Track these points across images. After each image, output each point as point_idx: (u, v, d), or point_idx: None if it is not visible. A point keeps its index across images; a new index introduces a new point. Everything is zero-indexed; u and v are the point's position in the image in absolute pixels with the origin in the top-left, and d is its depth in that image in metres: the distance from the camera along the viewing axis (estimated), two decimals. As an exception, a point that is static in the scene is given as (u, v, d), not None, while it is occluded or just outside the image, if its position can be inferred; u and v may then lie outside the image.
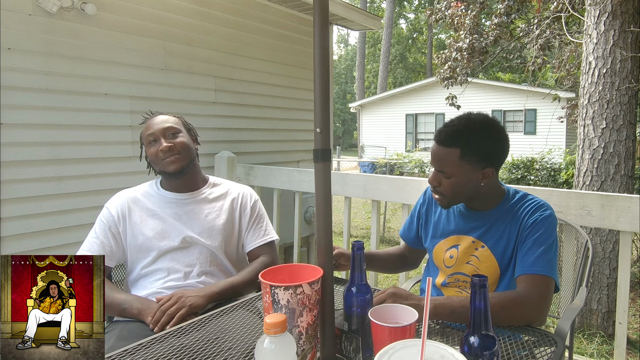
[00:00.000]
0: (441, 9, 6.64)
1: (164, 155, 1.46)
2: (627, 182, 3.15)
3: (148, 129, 1.51)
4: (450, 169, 1.22)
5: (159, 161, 1.48)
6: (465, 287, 1.32)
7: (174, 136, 1.50)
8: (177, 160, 1.47)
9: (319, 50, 0.89)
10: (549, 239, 1.19)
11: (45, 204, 2.29)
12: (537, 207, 1.23)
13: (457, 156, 1.21)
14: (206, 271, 1.47)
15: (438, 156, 1.24)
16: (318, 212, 0.92)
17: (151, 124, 1.51)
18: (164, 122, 1.51)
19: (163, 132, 1.49)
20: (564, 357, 1.06)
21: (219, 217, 1.54)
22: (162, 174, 1.52)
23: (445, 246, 1.36)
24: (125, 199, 1.51)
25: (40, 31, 2.23)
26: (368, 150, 18.94)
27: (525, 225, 1.22)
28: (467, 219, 1.33)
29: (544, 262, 1.15)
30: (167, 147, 1.46)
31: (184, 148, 1.50)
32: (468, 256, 1.30)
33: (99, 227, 1.47)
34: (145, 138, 1.52)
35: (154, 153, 1.48)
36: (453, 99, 7.08)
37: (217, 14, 3.12)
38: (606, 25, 3.17)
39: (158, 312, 1.26)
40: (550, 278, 1.14)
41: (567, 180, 6.54)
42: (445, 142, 1.23)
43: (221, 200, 1.58)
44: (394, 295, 1.08)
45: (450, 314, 1.09)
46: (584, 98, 3.31)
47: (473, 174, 1.23)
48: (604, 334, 3.12)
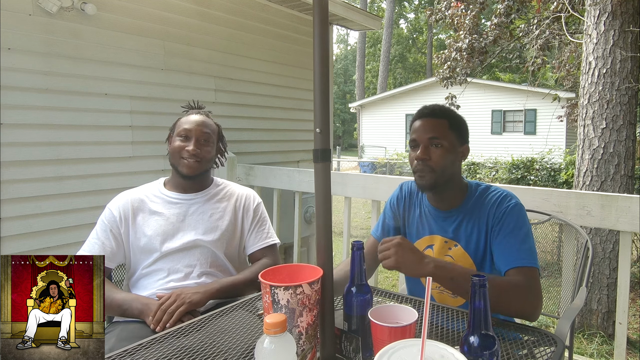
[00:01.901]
0: (441, 9, 6.64)
1: (187, 156, 1.47)
2: (627, 182, 3.15)
3: (185, 123, 1.51)
4: (442, 136, 1.25)
5: (178, 157, 1.49)
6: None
7: (205, 143, 1.51)
8: (194, 167, 1.49)
9: (319, 50, 0.89)
10: (523, 227, 1.20)
11: (45, 204, 2.29)
12: (502, 199, 1.25)
13: (446, 126, 1.27)
14: (207, 272, 1.47)
15: (430, 125, 1.27)
16: (318, 212, 0.92)
17: (191, 120, 1.51)
18: (203, 126, 1.52)
19: (198, 134, 1.50)
20: (563, 357, 1.06)
21: (222, 218, 1.54)
22: (174, 169, 1.52)
23: (420, 247, 1.35)
24: (128, 199, 1.50)
25: (40, 31, 2.23)
26: (368, 150, 18.95)
27: (494, 218, 1.23)
28: (436, 219, 1.34)
29: (526, 252, 1.17)
30: (193, 151, 1.47)
31: (206, 160, 1.52)
32: (442, 256, 1.31)
33: (100, 228, 1.47)
34: (178, 129, 1.51)
35: (178, 147, 1.48)
36: (453, 99, 7.08)
37: (217, 14, 3.12)
38: (606, 25, 3.17)
39: (159, 312, 1.26)
40: (535, 268, 1.16)
41: (567, 180, 6.54)
42: (434, 114, 1.29)
43: (225, 201, 1.58)
44: (399, 246, 1.09)
45: (449, 280, 1.09)
46: (584, 98, 3.31)
47: (458, 147, 1.29)
48: (604, 334, 3.12)
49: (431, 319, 1.12)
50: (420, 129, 1.28)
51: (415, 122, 1.31)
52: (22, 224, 2.21)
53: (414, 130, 1.30)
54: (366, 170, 14.18)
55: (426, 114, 1.30)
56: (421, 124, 1.29)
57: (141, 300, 1.34)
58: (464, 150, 1.31)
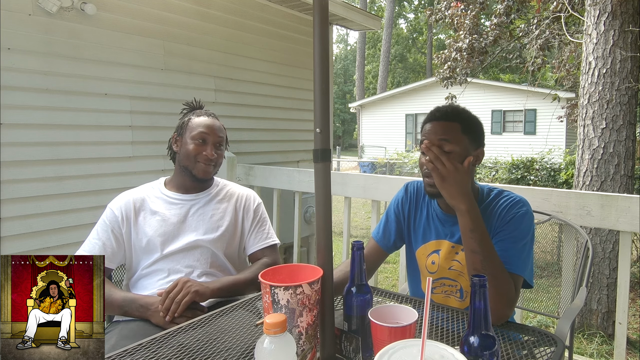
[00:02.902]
0: (441, 9, 6.65)
1: (204, 161, 1.49)
2: (627, 182, 3.15)
3: (201, 127, 1.51)
4: (453, 140, 1.19)
5: (194, 161, 1.49)
6: (452, 292, 1.30)
7: (219, 148, 1.54)
8: (210, 171, 1.52)
9: (319, 50, 0.89)
10: (524, 237, 1.18)
11: (45, 204, 2.28)
12: (513, 204, 1.21)
13: (458, 130, 1.21)
14: (207, 272, 1.47)
15: (441, 129, 1.21)
16: (318, 212, 0.92)
17: (206, 124, 1.52)
18: (220, 131, 1.55)
19: (215, 140, 1.52)
20: (563, 357, 1.06)
21: (222, 218, 1.54)
22: (185, 170, 1.52)
23: (426, 251, 1.33)
24: (130, 200, 1.50)
25: (40, 31, 2.23)
26: (368, 150, 18.95)
27: (501, 221, 1.20)
28: (444, 223, 1.31)
29: (519, 260, 1.15)
30: (211, 156, 1.49)
31: (219, 163, 1.57)
32: (449, 261, 1.28)
33: (101, 228, 1.46)
34: (192, 131, 1.51)
35: (195, 151, 1.49)
36: (453, 99, 7.09)
37: (217, 14, 3.12)
38: (606, 25, 3.17)
39: (167, 300, 1.27)
40: (520, 277, 1.14)
41: (567, 180, 6.54)
42: (446, 117, 1.23)
43: (225, 202, 1.58)
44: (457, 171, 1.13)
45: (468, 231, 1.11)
46: (584, 98, 3.31)
47: (472, 151, 1.22)
48: (603, 334, 3.12)
49: (431, 319, 1.12)
50: (430, 133, 1.22)
51: (427, 124, 1.25)
52: (22, 224, 2.21)
53: (425, 134, 1.24)
54: (366, 170, 14.18)
55: (438, 117, 1.23)
56: (432, 127, 1.23)
57: (141, 300, 1.34)
58: (479, 154, 1.24)
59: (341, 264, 1.37)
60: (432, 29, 28.26)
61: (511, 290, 1.09)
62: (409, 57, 33.75)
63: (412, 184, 1.44)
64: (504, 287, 1.08)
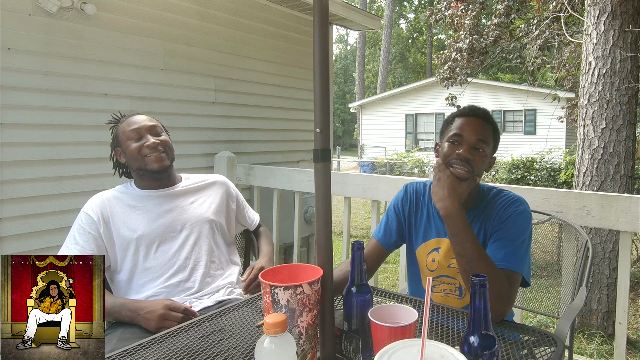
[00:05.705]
0: (441, 9, 6.65)
1: (150, 151, 1.46)
2: (627, 182, 3.15)
3: (130, 125, 1.49)
4: (487, 142, 1.24)
5: (141, 158, 1.46)
6: (451, 290, 1.31)
7: (158, 134, 1.52)
8: (162, 158, 1.48)
9: (319, 50, 0.89)
10: (522, 235, 1.19)
11: (45, 204, 2.28)
12: (511, 203, 1.24)
13: (491, 133, 1.25)
14: (202, 259, 1.48)
15: (481, 127, 1.24)
16: (318, 212, 0.92)
17: (134, 121, 1.51)
18: (149, 120, 1.52)
19: (149, 129, 1.50)
20: (563, 357, 1.06)
21: (207, 203, 1.56)
22: (142, 172, 1.49)
23: (426, 249, 1.34)
24: (104, 199, 1.47)
25: (40, 31, 2.23)
26: (368, 150, 18.95)
27: (499, 219, 1.22)
28: None
29: (516, 257, 1.16)
30: (154, 143, 1.46)
31: (169, 147, 1.53)
32: (449, 259, 1.29)
33: (77, 233, 1.41)
34: (126, 134, 1.49)
35: (137, 149, 1.46)
36: (453, 99, 7.10)
37: (217, 14, 3.12)
38: (606, 25, 3.17)
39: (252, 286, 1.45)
40: (519, 274, 1.15)
41: (567, 180, 6.54)
42: (486, 117, 1.26)
43: (205, 189, 1.61)
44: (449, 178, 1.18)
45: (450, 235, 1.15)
46: (584, 98, 3.31)
47: (490, 157, 1.27)
48: (603, 334, 3.12)
49: (431, 319, 1.12)
50: (470, 128, 1.23)
51: (464, 118, 1.25)
52: (22, 224, 2.21)
53: (462, 127, 1.24)
54: (366, 170, 14.18)
55: (479, 115, 1.26)
56: (472, 122, 1.24)
57: (130, 304, 1.31)
58: (492, 161, 1.30)
59: (341, 264, 1.37)
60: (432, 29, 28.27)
61: (505, 287, 1.10)
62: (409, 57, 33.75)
63: (412, 185, 1.45)
64: (496, 286, 1.08)
